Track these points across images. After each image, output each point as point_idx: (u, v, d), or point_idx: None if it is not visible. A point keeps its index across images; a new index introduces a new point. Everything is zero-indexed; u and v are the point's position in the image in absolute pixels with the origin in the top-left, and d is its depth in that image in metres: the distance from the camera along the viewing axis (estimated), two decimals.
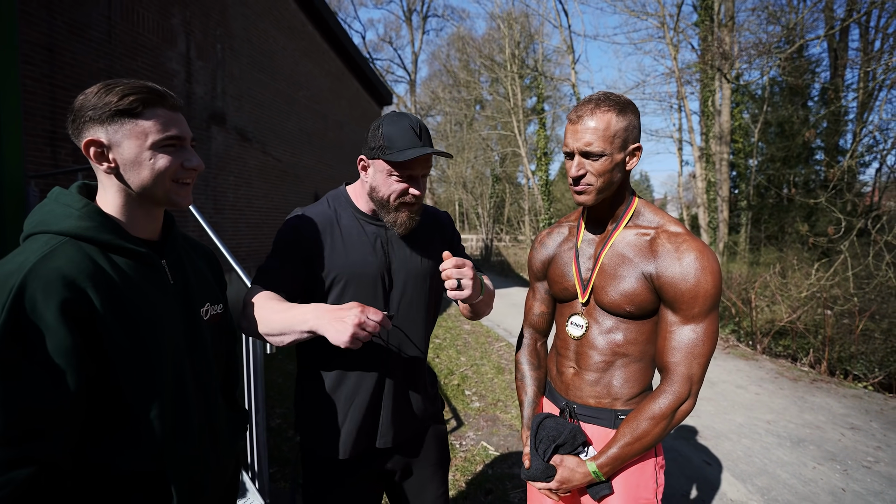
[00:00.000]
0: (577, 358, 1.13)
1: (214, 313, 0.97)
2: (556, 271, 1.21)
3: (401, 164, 1.09)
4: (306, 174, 8.08)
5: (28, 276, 0.67)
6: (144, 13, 4.49)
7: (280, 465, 2.64)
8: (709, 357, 0.97)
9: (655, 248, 1.02)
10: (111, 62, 4.08)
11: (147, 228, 0.85)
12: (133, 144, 0.77)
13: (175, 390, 0.82)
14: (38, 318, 0.66)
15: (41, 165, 3.45)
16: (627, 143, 1.01)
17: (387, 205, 1.13)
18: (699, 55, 11.21)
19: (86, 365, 0.70)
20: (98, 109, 0.76)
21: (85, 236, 0.75)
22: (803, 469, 2.78)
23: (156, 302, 0.81)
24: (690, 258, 0.97)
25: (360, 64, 10.14)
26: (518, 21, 16.03)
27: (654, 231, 1.05)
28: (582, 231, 1.18)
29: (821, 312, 5.27)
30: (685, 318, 0.97)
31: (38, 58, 3.43)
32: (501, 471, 2.68)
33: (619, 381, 1.07)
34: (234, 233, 6.00)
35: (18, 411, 0.64)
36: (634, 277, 1.03)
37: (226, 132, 5.85)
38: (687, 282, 0.96)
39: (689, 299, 0.96)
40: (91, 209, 0.77)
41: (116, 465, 0.76)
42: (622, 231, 1.08)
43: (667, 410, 0.97)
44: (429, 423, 1.31)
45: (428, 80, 28.24)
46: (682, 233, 1.01)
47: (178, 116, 0.83)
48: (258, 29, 6.57)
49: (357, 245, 1.16)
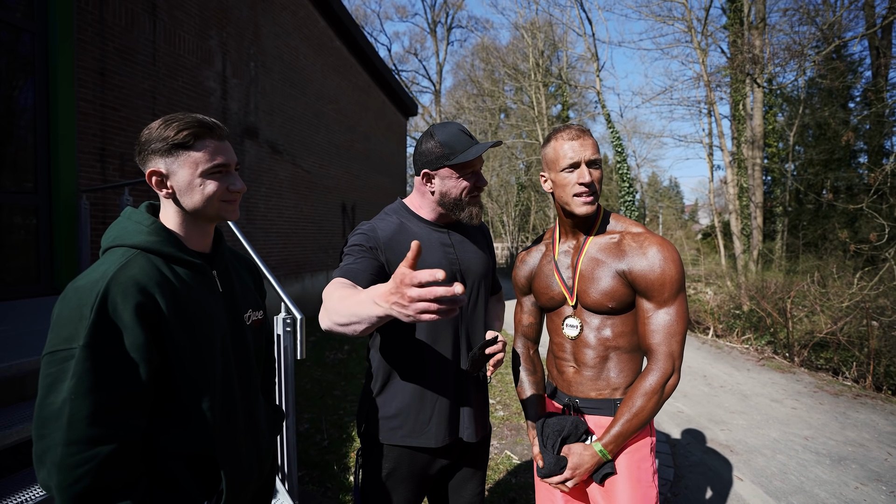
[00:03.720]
0: (575, 357, 1.25)
1: (255, 319, 1.07)
2: (540, 284, 1.34)
3: (467, 162, 1.21)
4: (334, 185, 8.30)
5: (110, 283, 0.79)
6: (185, 35, 4.77)
7: (308, 469, 2.72)
8: (684, 334, 1.12)
9: (623, 248, 1.18)
10: (155, 83, 4.35)
11: (201, 242, 0.97)
12: (186, 173, 0.90)
13: (223, 385, 0.92)
14: (118, 318, 0.78)
15: (91, 180, 3.70)
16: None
17: (461, 202, 1.25)
18: (728, 59, 10.94)
19: (153, 359, 0.81)
20: (159, 142, 0.88)
21: (153, 249, 0.87)
22: (844, 489, 2.66)
23: (208, 307, 0.91)
24: (653, 251, 1.13)
25: (385, 76, 10.38)
26: (542, 30, 16.04)
27: (619, 235, 1.21)
28: (556, 245, 1.33)
29: (865, 323, 5.01)
30: (658, 303, 1.13)
31: (90, 81, 3.70)
32: (525, 479, 2.67)
33: (615, 373, 1.20)
34: (265, 242, 6.22)
35: (105, 395, 0.75)
36: (610, 276, 1.18)
37: (258, 145, 6.10)
38: (654, 272, 1.12)
39: (658, 286, 1.12)
40: (157, 226, 0.90)
41: (172, 447, 0.86)
42: (593, 238, 1.24)
43: (656, 386, 1.11)
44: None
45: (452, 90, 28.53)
46: (643, 232, 1.19)
47: (224, 145, 0.94)
48: (289, 46, 6.85)
49: (429, 249, 1.25)
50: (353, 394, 3.99)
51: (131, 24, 4.07)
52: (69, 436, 0.72)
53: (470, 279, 1.28)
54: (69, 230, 3.54)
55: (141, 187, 4.02)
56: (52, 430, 0.72)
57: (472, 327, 1.29)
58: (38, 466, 0.74)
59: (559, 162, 1.19)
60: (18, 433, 1.54)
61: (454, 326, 1.25)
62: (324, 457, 2.85)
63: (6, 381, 1.81)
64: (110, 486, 0.75)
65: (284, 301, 2.07)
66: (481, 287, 1.31)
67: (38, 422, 0.74)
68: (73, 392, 0.72)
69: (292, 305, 2.05)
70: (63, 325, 0.75)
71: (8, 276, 3.29)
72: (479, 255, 1.33)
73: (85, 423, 0.73)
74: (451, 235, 1.30)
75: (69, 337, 0.74)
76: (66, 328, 0.75)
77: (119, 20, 3.95)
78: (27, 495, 1.48)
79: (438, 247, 1.26)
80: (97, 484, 0.74)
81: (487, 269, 1.35)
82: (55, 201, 3.50)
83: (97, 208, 3.74)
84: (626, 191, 11.82)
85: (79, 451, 0.72)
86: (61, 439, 0.72)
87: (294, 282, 6.93)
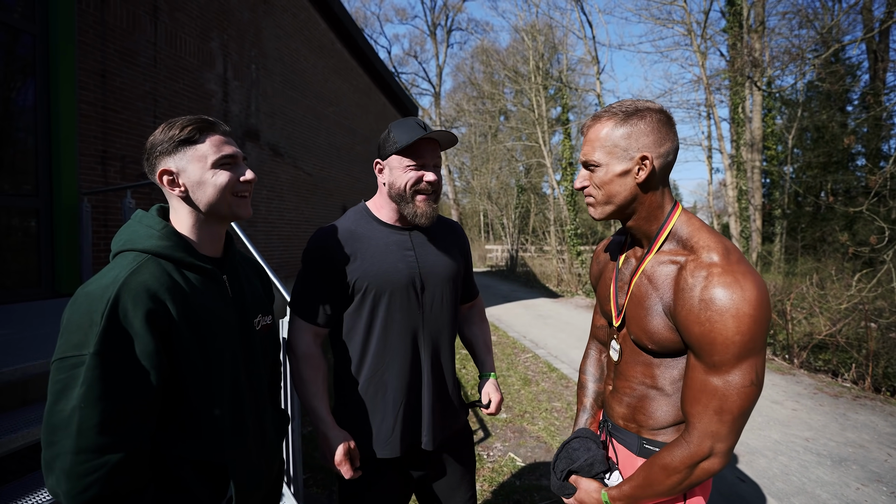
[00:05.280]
0: (616, 378, 1.08)
1: (265, 324, 1.07)
2: (600, 290, 1.16)
3: (410, 149, 1.17)
4: (335, 187, 8.31)
5: (121, 289, 0.78)
6: (186, 38, 4.77)
7: (313, 472, 2.71)
8: (739, 415, 0.82)
9: (679, 279, 0.88)
10: (155, 85, 4.35)
11: (212, 246, 0.96)
12: (196, 167, 0.89)
13: (233, 391, 0.91)
14: (129, 325, 0.77)
15: (93, 183, 3.70)
16: (630, 152, 0.91)
17: (404, 195, 1.20)
18: (728, 62, 10.98)
19: (164, 366, 0.81)
20: (165, 143, 0.89)
21: (163, 254, 0.86)
22: (846, 490, 2.67)
23: (218, 312, 0.91)
24: (716, 295, 0.80)
25: (386, 79, 10.40)
26: (542, 33, 16.09)
27: (685, 258, 0.90)
28: (625, 249, 1.10)
29: (864, 325, 5.02)
30: (706, 365, 0.83)
31: (91, 83, 3.70)
32: (529, 482, 2.67)
33: (647, 412, 0.99)
34: (267, 244, 6.22)
35: (114, 404, 0.75)
36: (657, 312, 0.92)
37: (259, 148, 6.10)
38: (700, 324, 0.82)
39: (706, 345, 0.82)
40: (168, 230, 0.89)
41: (182, 454, 0.86)
42: (654, 255, 0.96)
43: (680, 465, 0.86)
44: (461, 426, 1.37)
45: (452, 93, 28.61)
46: (717, 262, 0.84)
47: (228, 139, 0.95)
48: (290, 48, 6.86)
49: (385, 253, 1.21)
50: None
51: (132, 26, 4.07)
52: (79, 444, 0.72)
53: (431, 283, 1.24)
54: (70, 233, 3.53)
55: (143, 190, 4.02)
56: (62, 438, 0.72)
57: (436, 332, 1.26)
58: (46, 473, 0.74)
59: None
60: (24, 437, 1.53)
61: (413, 330, 1.22)
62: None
63: (9, 385, 1.80)
64: (119, 492, 0.75)
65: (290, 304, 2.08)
66: (445, 292, 1.27)
67: (47, 428, 0.74)
68: (82, 400, 0.72)
69: None
70: (73, 331, 0.75)
71: (8, 279, 3.28)
72: (444, 259, 1.29)
73: (94, 431, 0.72)
74: (413, 237, 1.26)
75: (79, 343, 0.74)
76: (76, 334, 0.75)
77: (120, 22, 3.95)
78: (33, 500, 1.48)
79: (396, 249, 1.23)
80: (106, 491, 0.74)
81: (455, 274, 1.30)
82: (56, 204, 3.49)
83: (99, 211, 3.73)
84: None
85: (88, 460, 0.72)
86: (70, 447, 0.71)
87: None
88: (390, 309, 1.20)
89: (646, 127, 0.91)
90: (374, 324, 1.20)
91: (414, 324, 1.22)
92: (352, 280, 1.19)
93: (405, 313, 1.21)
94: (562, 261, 15.25)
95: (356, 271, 1.19)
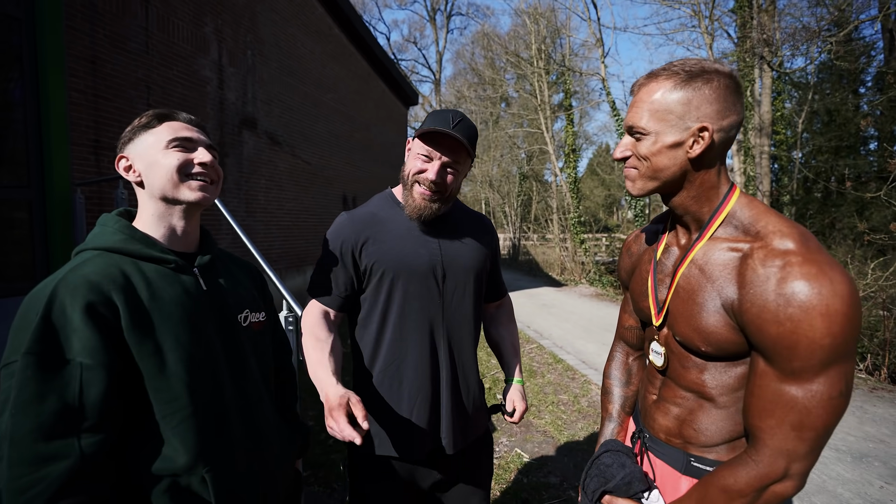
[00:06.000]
0: (662, 387, 0.94)
1: (256, 321, 0.98)
2: (634, 286, 1.00)
3: (426, 137, 1.11)
4: (335, 176, 8.17)
5: (59, 285, 0.72)
6: (179, 23, 4.61)
7: (313, 469, 2.64)
8: (822, 431, 0.69)
9: (745, 269, 0.74)
10: (148, 72, 4.21)
11: (181, 241, 0.90)
12: (150, 150, 0.86)
13: (209, 392, 0.83)
14: (67, 321, 0.70)
15: (86, 173, 3.59)
16: (687, 121, 0.77)
17: (406, 182, 1.16)
18: (737, 43, 10.69)
19: (114, 363, 0.73)
20: (128, 133, 0.89)
21: (115, 248, 0.81)
22: (869, 488, 2.57)
23: (186, 306, 0.83)
24: (794, 289, 0.67)
25: (385, 65, 10.17)
26: (544, 16, 15.73)
27: (749, 245, 0.76)
28: (664, 239, 0.95)
29: (878, 314, 4.91)
30: (783, 372, 0.70)
31: (82, 70, 3.56)
32: (537, 479, 2.59)
33: (698, 427, 0.85)
34: (266, 235, 6.11)
35: (51, 406, 0.67)
36: (713, 309, 0.78)
37: (257, 136, 5.96)
38: (781, 323, 0.68)
39: (784, 348, 0.68)
40: (122, 225, 0.85)
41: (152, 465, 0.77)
42: (707, 241, 0.82)
43: (746, 487, 0.72)
44: (482, 431, 1.30)
45: (453, 79, 28.18)
46: (793, 249, 0.71)
47: (192, 128, 0.91)
48: (286, 34, 6.67)
49: (406, 238, 1.16)
50: None
51: (122, 11, 3.92)
52: (13, 454, 0.65)
53: (453, 272, 1.19)
54: (64, 225, 3.43)
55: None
56: (2, 449, 0.65)
57: (456, 325, 1.19)
58: None
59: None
60: None
61: (430, 320, 1.16)
62: (329, 456, 2.78)
63: None
64: None
65: (286, 298, 2.00)
66: (468, 283, 1.21)
67: None
68: (14, 405, 0.66)
69: (294, 303, 1.98)
70: (13, 336, 0.71)
71: (2, 272, 3.19)
72: (470, 250, 1.23)
73: (29, 439, 0.65)
74: (440, 226, 1.21)
75: (16, 347, 0.69)
76: (15, 339, 0.70)
77: (109, 6, 3.79)
78: None
79: (419, 235, 1.18)
80: None
81: (480, 267, 1.24)
82: (49, 195, 3.38)
83: (93, 202, 3.63)
84: None
85: (25, 473, 0.64)
86: (7, 459, 0.65)
87: (296, 275, 6.83)
88: (407, 295, 1.15)
89: (710, 93, 0.76)
90: (389, 310, 1.16)
91: (432, 313, 1.16)
92: (369, 263, 1.15)
93: (423, 301, 1.15)
94: (564, 249, 15.12)
95: (374, 254, 1.15)
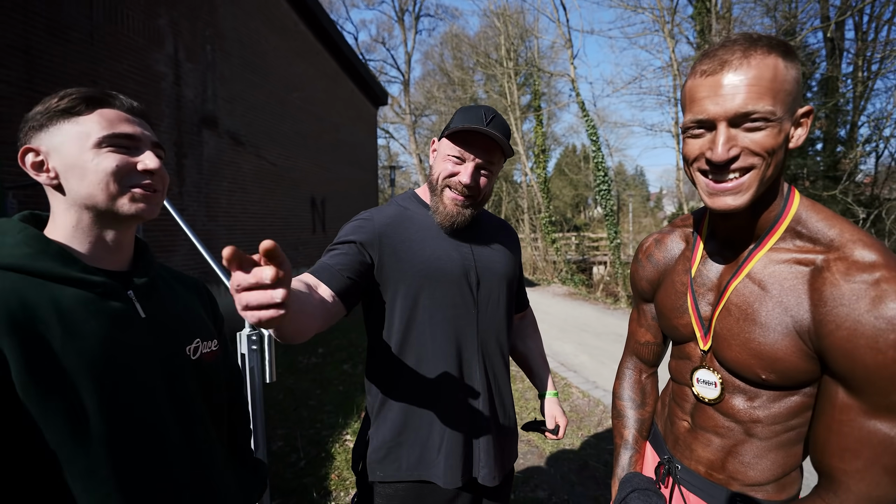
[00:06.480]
0: (697, 413, 0.82)
1: (207, 351, 0.82)
2: (666, 300, 0.87)
3: (457, 136, 1.02)
4: (303, 178, 7.87)
5: None
6: (129, 13, 4.27)
7: (283, 496, 2.44)
8: None
9: (822, 285, 0.63)
10: (94, 65, 3.86)
11: (110, 257, 0.72)
12: (73, 146, 0.67)
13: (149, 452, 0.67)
14: None
15: (20, 176, 3.23)
16: (797, 104, 0.65)
17: (435, 186, 1.07)
18: (696, 48, 11.07)
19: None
20: (39, 117, 0.68)
21: (15, 266, 0.62)
22: None
23: (117, 342, 0.66)
24: (892, 310, 0.57)
25: (354, 64, 9.93)
26: (513, 17, 15.85)
27: (822, 256, 0.66)
28: (700, 246, 0.82)
29: None
30: (875, 407, 0.60)
31: (13, 61, 3.21)
32: (524, 494, 2.49)
33: (746, 461, 0.75)
34: (230, 240, 5.79)
35: None
36: (781, 331, 0.66)
37: (218, 136, 5.63)
38: (881, 352, 0.57)
39: (883, 379, 0.58)
40: (28, 235, 0.65)
41: None
42: (768, 251, 0.71)
43: None
44: (516, 457, 1.19)
45: (422, 80, 28.03)
46: (880, 262, 0.60)
47: (133, 119, 0.70)
48: (249, 29, 6.35)
49: (437, 241, 1.07)
50: (330, 403, 3.72)
51: None
52: None
53: (488, 279, 1.10)
54: None
55: None
56: None
57: (491, 336, 1.09)
58: None
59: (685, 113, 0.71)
60: None
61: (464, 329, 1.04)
62: (301, 480, 2.58)
63: None
64: None
65: None
66: (502, 292, 1.11)
67: None
68: None
69: None
70: None
71: None
72: (502, 258, 1.14)
73: None
74: (471, 230, 1.13)
75: None
76: None
77: None
78: None
79: (449, 240, 1.07)
80: None
81: (511, 275, 1.16)
82: None
83: (27, 207, 3.27)
84: (601, 180, 11.82)
85: None
86: None
87: None
88: (437, 301, 1.04)
89: (798, 73, 0.65)
90: (413, 318, 1.04)
91: (465, 322, 1.06)
92: (393, 266, 1.03)
93: (457, 310, 1.05)
94: (536, 249, 15.25)
95: (400, 257, 1.04)
